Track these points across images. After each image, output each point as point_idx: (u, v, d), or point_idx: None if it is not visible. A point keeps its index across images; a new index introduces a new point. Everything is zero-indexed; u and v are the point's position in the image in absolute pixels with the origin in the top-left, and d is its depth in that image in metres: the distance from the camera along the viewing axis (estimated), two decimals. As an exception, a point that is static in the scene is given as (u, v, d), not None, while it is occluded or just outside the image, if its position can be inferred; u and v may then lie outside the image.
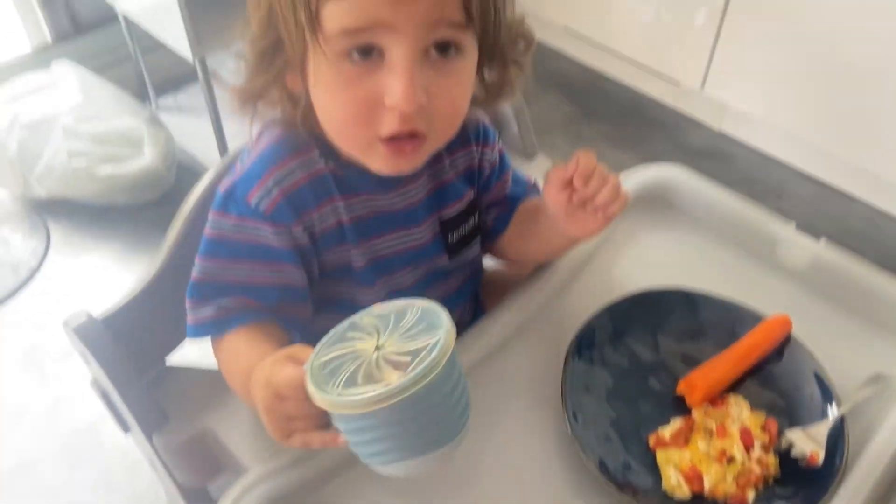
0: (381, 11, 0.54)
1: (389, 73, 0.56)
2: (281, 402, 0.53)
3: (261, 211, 0.64)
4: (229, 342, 0.66)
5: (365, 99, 0.57)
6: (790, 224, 0.81)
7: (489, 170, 0.77)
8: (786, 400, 0.69)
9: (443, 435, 0.52)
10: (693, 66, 1.88)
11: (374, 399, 0.47)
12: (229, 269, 0.66)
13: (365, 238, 0.69)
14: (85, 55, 1.93)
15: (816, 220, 1.77)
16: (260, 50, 0.61)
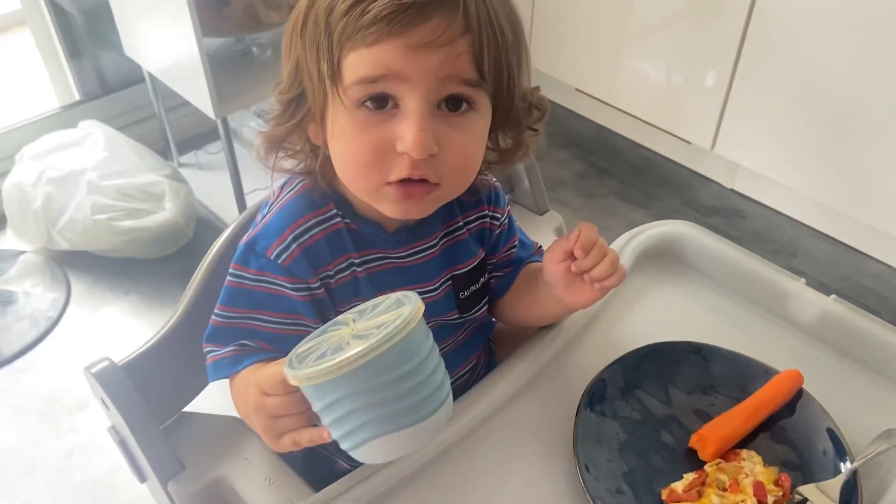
0: (396, 62, 0.57)
1: (402, 121, 0.59)
2: (265, 399, 0.55)
3: (280, 265, 0.66)
4: (241, 378, 0.67)
5: (378, 144, 0.60)
6: (800, 280, 0.82)
7: (498, 232, 0.79)
8: (798, 455, 0.69)
9: (415, 410, 0.51)
10: (703, 127, 1.91)
11: (342, 362, 0.48)
12: (249, 318, 0.68)
13: (378, 292, 0.71)
14: (111, 113, 2.00)
15: (829, 278, 1.77)
16: (286, 100, 0.66)
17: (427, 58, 0.57)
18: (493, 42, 0.59)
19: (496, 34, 0.59)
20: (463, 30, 0.57)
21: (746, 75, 1.77)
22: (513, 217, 0.82)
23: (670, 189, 2.05)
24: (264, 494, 0.69)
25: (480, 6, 0.58)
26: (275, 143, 0.68)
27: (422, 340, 0.52)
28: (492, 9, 0.59)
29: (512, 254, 0.81)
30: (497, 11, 0.60)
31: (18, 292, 1.74)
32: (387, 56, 0.57)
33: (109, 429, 0.73)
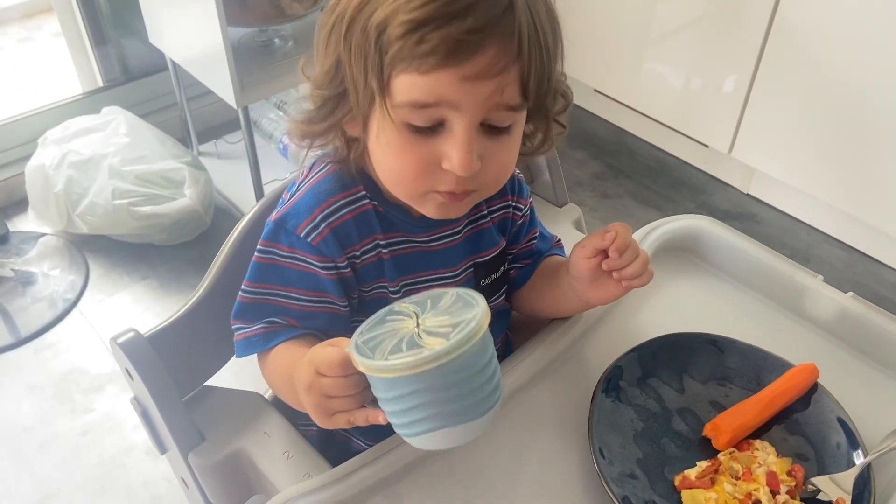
0: (449, 91, 0.58)
1: (449, 140, 0.60)
2: (320, 379, 0.56)
3: (309, 243, 0.67)
4: (275, 354, 0.69)
5: (425, 161, 0.61)
6: (818, 276, 0.82)
7: (521, 223, 0.80)
8: (812, 447, 0.70)
9: (477, 407, 0.54)
10: (721, 131, 1.91)
11: (423, 360, 0.50)
12: (278, 294, 0.69)
13: (401, 275, 0.72)
14: (133, 100, 2.02)
15: (843, 285, 1.75)
16: (324, 96, 0.65)
17: (480, 88, 0.58)
18: (539, 62, 0.59)
19: (542, 52, 0.59)
20: (515, 57, 0.57)
21: (766, 80, 1.77)
22: (534, 210, 0.83)
23: (686, 192, 2.05)
24: (282, 468, 0.70)
25: (531, 27, 0.58)
26: (310, 137, 0.68)
27: (489, 343, 0.54)
28: (540, 26, 0.59)
29: (532, 245, 0.82)
30: (543, 24, 0.60)
31: (38, 273, 1.76)
32: (440, 85, 0.57)
33: (132, 399, 0.75)
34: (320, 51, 0.64)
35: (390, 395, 0.53)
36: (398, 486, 0.66)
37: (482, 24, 0.55)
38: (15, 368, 1.58)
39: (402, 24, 0.55)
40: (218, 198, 1.93)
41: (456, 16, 0.55)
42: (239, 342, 0.70)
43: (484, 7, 0.55)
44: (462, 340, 0.51)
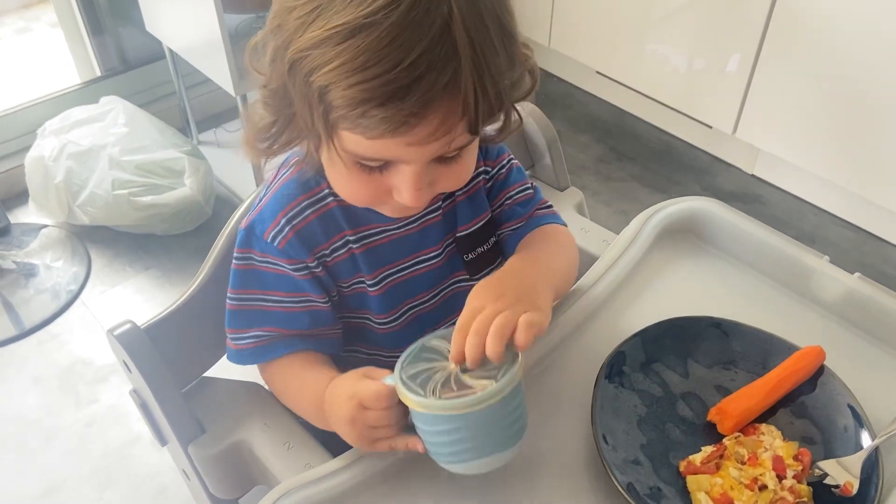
0: (396, 153, 0.57)
1: (398, 177, 0.60)
2: (365, 412, 0.60)
3: (276, 247, 0.68)
4: (280, 369, 0.71)
5: (376, 191, 0.62)
6: (823, 257, 0.81)
7: (490, 185, 0.78)
8: (819, 431, 0.69)
9: (511, 438, 0.60)
10: (725, 112, 1.89)
11: (472, 402, 0.55)
12: (261, 298, 0.70)
13: (379, 266, 0.72)
14: (132, 90, 2.01)
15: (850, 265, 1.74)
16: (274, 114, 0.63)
17: (427, 148, 0.57)
18: (489, 101, 0.56)
19: (493, 89, 0.56)
20: (462, 116, 0.55)
21: (770, 59, 1.75)
22: (517, 168, 0.80)
23: (690, 174, 2.04)
24: (283, 458, 0.70)
25: (479, 78, 0.54)
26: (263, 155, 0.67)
27: (521, 381, 0.59)
28: (488, 65, 0.55)
29: (515, 202, 0.79)
30: (492, 61, 0.55)
31: (40, 265, 1.76)
32: (387, 148, 0.57)
33: (131, 392, 0.74)
34: (265, 63, 0.61)
35: (434, 429, 0.58)
36: (400, 475, 0.65)
37: (425, 102, 0.53)
38: (19, 360, 1.58)
39: (342, 97, 0.53)
40: (218, 187, 1.92)
41: (397, 95, 0.52)
42: (230, 351, 0.72)
43: (426, 83, 0.52)
44: (506, 383, 0.56)
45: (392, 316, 0.74)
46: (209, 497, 0.77)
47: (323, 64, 0.53)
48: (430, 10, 0.51)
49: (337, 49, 0.52)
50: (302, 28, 0.54)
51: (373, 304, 0.73)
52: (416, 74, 0.51)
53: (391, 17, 0.51)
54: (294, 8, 0.55)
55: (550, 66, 2.39)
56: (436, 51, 0.52)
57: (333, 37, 0.52)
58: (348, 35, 0.51)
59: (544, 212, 0.81)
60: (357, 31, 0.51)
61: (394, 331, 0.75)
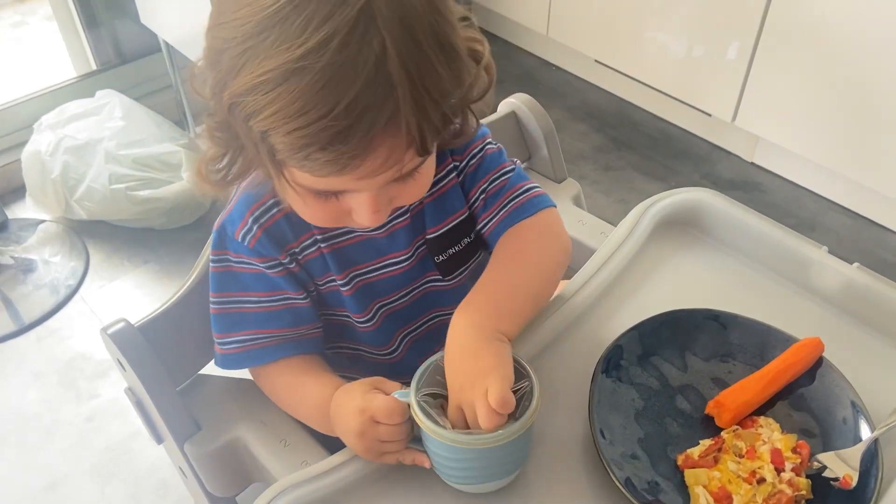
0: (346, 185, 0.57)
1: (355, 201, 0.59)
2: (376, 426, 0.61)
3: (247, 247, 0.68)
4: (275, 374, 0.71)
5: (334, 214, 0.61)
6: (822, 248, 0.81)
7: (463, 176, 0.75)
8: (818, 423, 0.68)
9: (517, 465, 0.63)
10: (724, 100, 1.88)
11: (493, 439, 0.57)
12: (240, 301, 0.70)
13: (347, 267, 0.72)
14: (128, 83, 2.00)
15: (849, 252, 1.75)
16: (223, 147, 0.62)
17: (378, 179, 0.56)
18: (435, 125, 0.54)
19: (437, 104, 0.54)
20: (408, 144, 0.54)
21: (769, 47, 1.74)
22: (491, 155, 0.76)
23: (689, 162, 2.03)
24: (280, 456, 0.70)
25: (422, 107, 0.52)
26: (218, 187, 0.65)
27: None
28: (430, 92, 0.53)
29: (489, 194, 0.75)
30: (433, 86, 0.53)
31: (38, 261, 1.76)
32: (339, 183, 0.56)
33: (126, 390, 0.74)
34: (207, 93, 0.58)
35: (448, 455, 0.60)
36: (397, 472, 0.65)
37: (367, 142, 0.51)
38: (19, 356, 1.58)
39: (282, 143, 0.52)
40: (216, 180, 1.91)
41: (337, 139, 0.50)
42: (217, 357, 0.72)
43: (365, 124, 0.50)
44: (525, 422, 0.58)
45: (367, 315, 0.74)
46: (206, 495, 0.77)
47: (259, 110, 0.51)
48: (362, 48, 0.49)
49: (270, 96, 0.50)
50: (234, 71, 0.52)
51: (347, 303, 0.73)
52: (354, 116, 0.50)
53: (322, 59, 0.49)
54: (224, 50, 0.53)
55: (548, 55, 2.37)
56: (372, 90, 0.50)
57: (266, 83, 0.50)
58: (280, 80, 0.49)
59: (522, 199, 0.75)
60: (289, 75, 0.49)
61: (370, 330, 0.75)
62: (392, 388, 0.63)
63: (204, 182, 0.64)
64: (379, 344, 0.76)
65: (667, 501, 0.63)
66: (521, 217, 0.74)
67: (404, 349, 0.78)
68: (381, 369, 0.78)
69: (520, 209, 0.74)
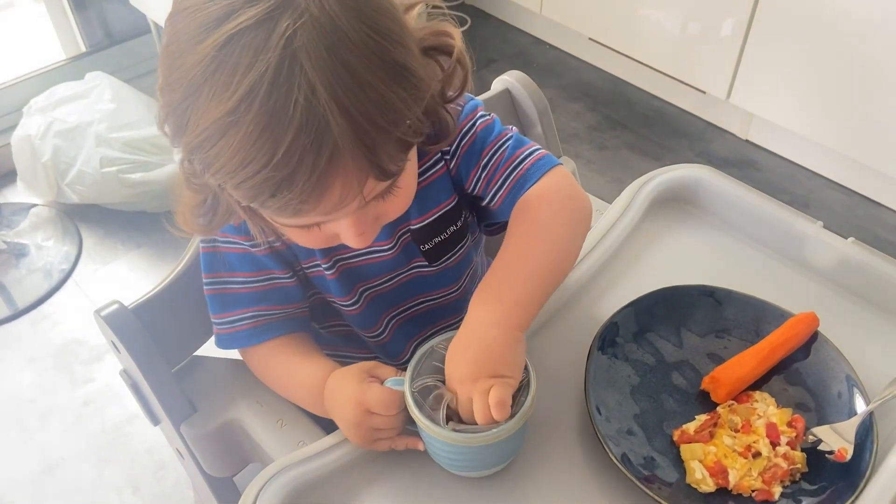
0: (317, 219, 0.57)
1: (339, 226, 0.58)
2: (371, 417, 0.61)
3: (232, 225, 0.67)
4: (265, 354, 0.72)
5: (323, 239, 0.61)
6: (817, 223, 0.81)
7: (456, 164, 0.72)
8: (813, 397, 0.69)
9: (512, 453, 0.64)
10: (719, 77, 1.87)
11: (489, 436, 0.58)
12: (228, 281, 0.70)
13: (330, 251, 0.71)
14: (118, 65, 1.98)
15: (844, 229, 1.75)
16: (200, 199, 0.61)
17: (343, 210, 0.55)
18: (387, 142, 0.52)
19: (388, 130, 0.52)
20: (362, 176, 0.52)
21: (763, 23, 1.73)
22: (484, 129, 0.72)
23: (684, 141, 2.02)
24: (276, 436, 0.70)
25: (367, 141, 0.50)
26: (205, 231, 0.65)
27: None
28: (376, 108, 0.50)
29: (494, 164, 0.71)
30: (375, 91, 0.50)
31: (30, 245, 1.75)
32: (309, 218, 0.56)
33: (121, 372, 0.74)
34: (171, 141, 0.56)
35: (444, 448, 0.60)
36: (394, 453, 0.65)
37: (314, 183, 0.50)
38: (14, 341, 1.58)
39: (236, 194, 0.52)
40: (209, 162, 1.90)
41: (283, 187, 0.50)
42: (215, 336, 0.72)
43: (306, 168, 0.49)
44: (520, 417, 0.59)
45: (352, 298, 0.74)
46: (203, 476, 0.77)
47: (208, 165, 0.51)
48: (289, 91, 0.47)
49: (213, 152, 0.50)
50: (182, 130, 0.52)
51: (331, 287, 0.73)
52: (294, 163, 0.49)
53: (251, 110, 0.48)
54: (171, 110, 0.52)
55: (542, 33, 2.35)
56: (305, 134, 0.48)
57: (207, 140, 0.50)
58: (218, 136, 0.49)
59: (524, 167, 0.70)
60: (225, 130, 0.49)
61: (356, 312, 0.75)
62: (387, 373, 0.63)
63: (192, 230, 0.64)
64: (365, 326, 0.76)
65: (663, 476, 0.63)
66: (527, 186, 0.70)
67: (391, 331, 0.78)
68: (373, 348, 0.79)
69: (523, 178, 0.70)
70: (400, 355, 0.79)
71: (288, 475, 0.61)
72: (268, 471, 0.62)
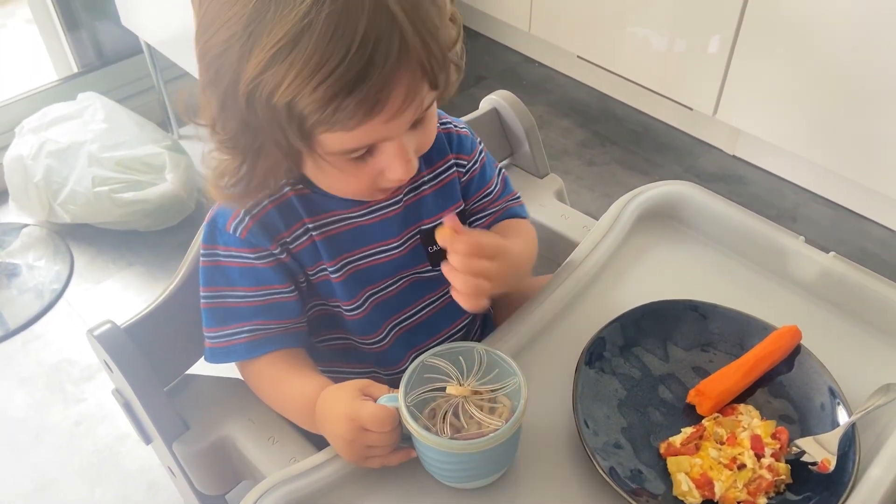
0: (378, 134, 0.59)
1: (386, 157, 0.61)
2: (365, 434, 0.62)
3: (238, 238, 0.69)
4: (261, 369, 0.72)
5: (368, 178, 0.63)
6: (799, 238, 0.82)
7: (466, 179, 0.80)
8: (796, 409, 0.70)
9: (506, 463, 0.65)
10: (705, 93, 1.90)
11: (484, 443, 0.59)
12: (228, 295, 0.71)
13: (339, 254, 0.73)
14: (110, 85, 1.99)
15: (831, 242, 1.77)
16: (240, 154, 0.63)
17: (404, 118, 0.59)
18: (439, 60, 0.58)
19: (440, 49, 0.58)
20: (423, 77, 0.57)
21: (749, 40, 1.75)
22: (489, 164, 0.82)
23: (672, 156, 2.04)
24: (268, 453, 0.70)
25: (425, 42, 0.56)
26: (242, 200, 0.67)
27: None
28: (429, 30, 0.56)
29: (487, 201, 0.82)
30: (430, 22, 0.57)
31: (22, 265, 1.75)
32: (369, 133, 0.58)
33: (114, 391, 0.74)
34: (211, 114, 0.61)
35: (439, 458, 0.61)
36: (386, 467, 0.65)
37: (387, 75, 0.54)
38: (4, 361, 1.57)
39: (311, 101, 0.54)
40: (200, 181, 1.91)
41: (360, 78, 0.54)
42: (206, 351, 0.72)
43: (380, 57, 0.54)
44: (514, 423, 0.60)
45: (356, 303, 0.75)
46: (196, 494, 0.77)
47: (279, 82, 0.54)
48: None
49: (287, 62, 0.53)
50: (244, 60, 0.54)
51: (337, 292, 0.74)
52: (368, 53, 0.53)
53: (323, 10, 0.52)
54: (226, 49, 0.55)
55: (531, 51, 2.38)
56: (376, 25, 0.53)
57: (279, 53, 0.53)
58: (292, 45, 0.52)
59: (513, 203, 0.84)
60: (298, 37, 0.52)
61: (359, 318, 0.76)
62: (379, 391, 0.64)
63: (224, 198, 0.66)
64: (367, 333, 0.77)
65: (650, 489, 0.64)
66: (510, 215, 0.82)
67: (392, 339, 0.79)
68: (370, 359, 0.79)
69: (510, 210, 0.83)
70: (399, 363, 0.80)
71: (280, 491, 0.62)
72: (260, 487, 0.62)
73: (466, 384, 0.63)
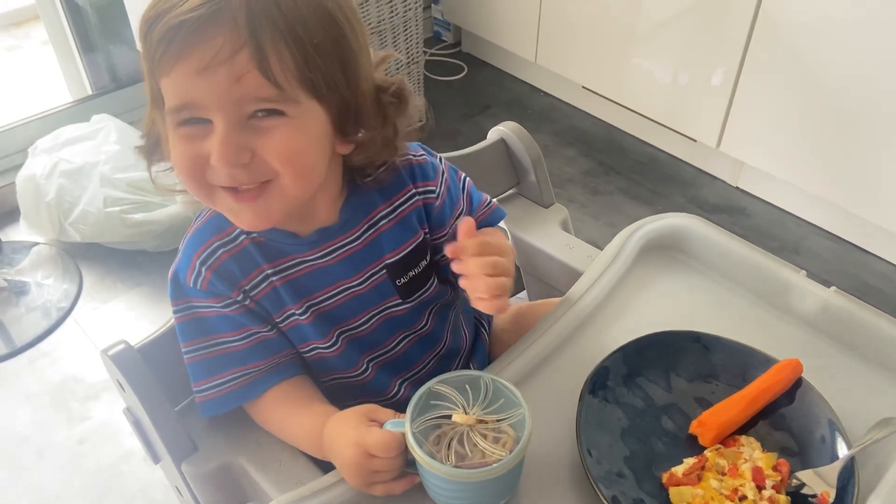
0: (188, 90, 0.60)
1: (212, 138, 0.61)
2: (370, 460, 0.63)
3: (199, 290, 0.70)
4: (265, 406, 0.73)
5: (197, 157, 0.63)
6: (801, 272, 0.83)
7: (439, 205, 0.78)
8: (797, 442, 0.71)
9: (509, 490, 0.65)
10: (709, 125, 1.92)
11: (489, 472, 0.60)
12: (211, 345, 0.71)
13: (302, 297, 0.73)
14: (123, 107, 2.02)
15: (833, 276, 1.78)
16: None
17: (213, 80, 0.59)
18: (288, 53, 0.59)
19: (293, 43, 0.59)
20: (245, 42, 0.58)
21: (753, 73, 1.78)
22: (456, 184, 0.80)
23: (675, 187, 2.06)
24: (275, 476, 0.71)
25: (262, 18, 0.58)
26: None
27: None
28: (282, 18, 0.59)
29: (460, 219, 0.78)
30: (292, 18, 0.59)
31: (31, 283, 1.77)
32: (179, 84, 0.60)
33: (125, 410, 0.75)
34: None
35: (443, 485, 0.62)
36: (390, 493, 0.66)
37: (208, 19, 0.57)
38: (11, 378, 1.58)
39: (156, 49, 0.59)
40: (210, 203, 1.93)
41: (177, 4, 0.58)
42: (198, 406, 0.73)
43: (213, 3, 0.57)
44: (518, 453, 0.61)
45: (329, 341, 0.75)
46: (203, 514, 0.78)
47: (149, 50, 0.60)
48: None
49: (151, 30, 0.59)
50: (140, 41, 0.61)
51: (309, 333, 0.74)
52: None
53: None
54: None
55: (537, 81, 2.41)
56: None
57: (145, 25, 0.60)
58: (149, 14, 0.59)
59: (484, 213, 0.84)
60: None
61: (335, 355, 0.75)
62: (385, 416, 0.65)
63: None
64: (347, 367, 0.77)
65: (652, 518, 0.65)
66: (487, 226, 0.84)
67: (372, 371, 0.78)
68: (358, 391, 0.78)
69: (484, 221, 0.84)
70: (386, 391, 0.80)
71: (288, 513, 0.63)
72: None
73: (472, 413, 0.64)
